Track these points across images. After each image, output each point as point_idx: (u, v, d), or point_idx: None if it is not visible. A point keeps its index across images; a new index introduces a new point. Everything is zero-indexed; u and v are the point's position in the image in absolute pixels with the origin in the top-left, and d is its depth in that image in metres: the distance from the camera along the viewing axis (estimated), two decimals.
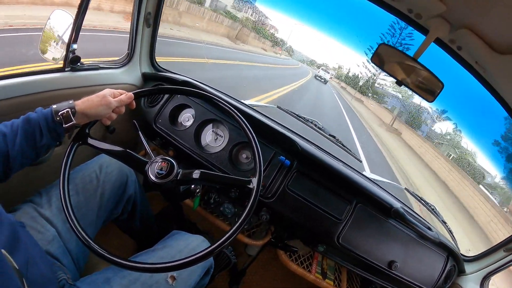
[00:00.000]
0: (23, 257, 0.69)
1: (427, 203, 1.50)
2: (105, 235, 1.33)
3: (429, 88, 1.03)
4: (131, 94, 1.02)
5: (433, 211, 1.48)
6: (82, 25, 1.17)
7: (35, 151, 0.86)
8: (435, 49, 1.07)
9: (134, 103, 1.04)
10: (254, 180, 0.91)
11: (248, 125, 1.02)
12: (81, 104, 0.91)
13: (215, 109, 1.39)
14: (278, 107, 1.73)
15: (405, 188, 1.66)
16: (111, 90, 0.99)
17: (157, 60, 1.61)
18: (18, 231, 0.73)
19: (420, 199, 1.51)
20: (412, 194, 1.56)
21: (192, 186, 1.00)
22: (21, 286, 0.63)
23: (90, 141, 0.96)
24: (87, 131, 0.97)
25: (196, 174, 0.93)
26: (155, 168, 0.92)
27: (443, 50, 1.07)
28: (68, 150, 0.92)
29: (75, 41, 1.17)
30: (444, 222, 1.48)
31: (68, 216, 0.82)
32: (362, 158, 8.05)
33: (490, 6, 0.77)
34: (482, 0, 0.77)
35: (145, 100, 1.49)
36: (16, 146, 0.81)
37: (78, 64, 1.23)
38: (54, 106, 0.87)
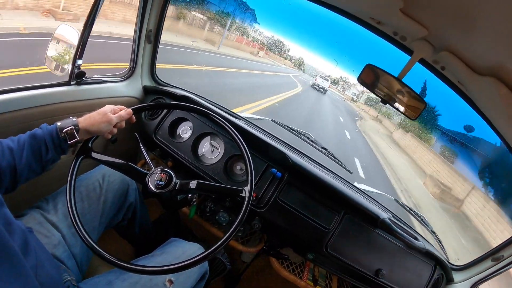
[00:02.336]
0: (33, 260, 0.75)
1: (416, 214, 1.54)
2: (104, 240, 1.38)
3: (413, 107, 1.08)
4: (130, 110, 1.08)
5: (422, 221, 1.52)
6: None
7: (41, 165, 0.92)
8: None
9: (134, 117, 1.10)
10: (247, 189, 0.97)
11: (241, 139, 1.07)
12: (83, 121, 0.96)
13: (212, 122, 1.44)
14: (272, 120, 1.79)
15: (395, 199, 1.69)
16: (111, 106, 1.04)
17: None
18: (28, 236, 0.78)
19: (409, 210, 1.55)
20: (401, 204, 1.61)
21: (189, 195, 1.06)
22: (37, 285, 0.69)
23: (94, 154, 1.02)
24: (90, 145, 1.03)
25: (193, 184, 0.99)
26: (154, 179, 0.98)
27: (428, 70, 1.12)
28: (73, 163, 0.99)
29: (80, 56, 1.22)
30: (433, 232, 1.52)
31: (75, 223, 0.88)
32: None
33: (469, 30, 0.82)
34: (462, 25, 0.82)
35: (146, 113, 1.55)
36: (23, 160, 0.86)
37: (83, 78, 1.29)
38: (59, 123, 0.93)
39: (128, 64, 1.55)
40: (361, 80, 1.15)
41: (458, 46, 0.93)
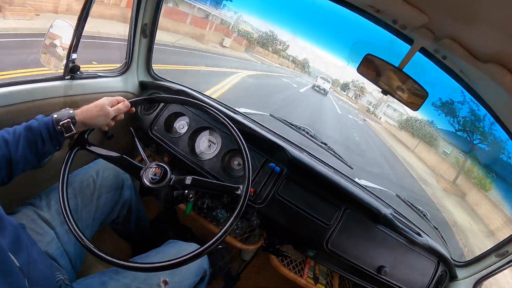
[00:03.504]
0: (25, 257, 0.73)
1: (418, 209, 1.51)
2: (102, 238, 1.37)
3: (414, 97, 1.06)
4: (128, 103, 1.07)
5: (424, 217, 1.49)
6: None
7: (37, 157, 0.90)
8: None
9: (133, 108, 1.10)
10: (242, 187, 0.94)
11: (239, 133, 1.05)
12: (80, 114, 0.95)
13: (209, 117, 1.42)
14: (270, 115, 1.76)
15: (396, 195, 1.67)
16: (109, 98, 1.03)
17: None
18: (20, 233, 0.77)
19: (411, 205, 1.52)
20: (403, 200, 1.58)
21: (186, 191, 1.04)
22: (25, 284, 0.67)
23: (89, 147, 1.01)
24: (85, 137, 1.02)
25: (188, 180, 0.97)
26: (149, 173, 0.96)
27: (429, 60, 1.10)
28: (67, 155, 0.97)
29: (75, 50, 1.21)
30: (436, 228, 1.49)
31: (67, 219, 0.86)
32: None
33: (471, 16, 0.80)
34: (464, 11, 0.80)
35: (142, 108, 1.53)
36: (19, 152, 0.84)
37: (78, 72, 1.27)
38: (55, 116, 0.91)
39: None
40: (361, 71, 1.12)
41: (459, 33, 0.90)
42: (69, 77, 1.26)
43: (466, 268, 1.40)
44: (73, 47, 1.20)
